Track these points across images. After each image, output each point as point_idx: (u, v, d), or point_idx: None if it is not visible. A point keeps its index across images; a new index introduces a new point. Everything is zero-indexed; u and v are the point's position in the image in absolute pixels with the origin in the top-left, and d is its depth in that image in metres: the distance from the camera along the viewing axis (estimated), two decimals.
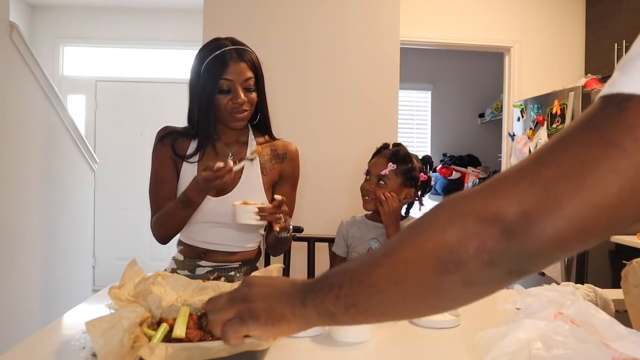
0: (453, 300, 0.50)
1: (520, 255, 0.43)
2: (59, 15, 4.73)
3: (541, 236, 0.41)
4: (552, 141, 0.43)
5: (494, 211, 0.44)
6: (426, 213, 0.50)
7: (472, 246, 0.44)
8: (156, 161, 1.50)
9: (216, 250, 1.52)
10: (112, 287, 0.83)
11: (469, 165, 4.95)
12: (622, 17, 3.38)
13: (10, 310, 2.52)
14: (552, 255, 0.43)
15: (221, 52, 1.39)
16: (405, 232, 0.51)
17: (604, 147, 0.38)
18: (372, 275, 0.51)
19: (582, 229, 0.40)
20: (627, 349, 0.59)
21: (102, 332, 0.68)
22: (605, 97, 0.40)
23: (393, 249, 0.51)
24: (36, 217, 2.85)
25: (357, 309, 0.53)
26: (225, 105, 1.40)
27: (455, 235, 0.45)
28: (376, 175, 1.54)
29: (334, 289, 0.55)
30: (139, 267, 0.92)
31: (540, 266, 0.45)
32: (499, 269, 0.45)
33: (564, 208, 0.40)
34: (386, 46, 2.71)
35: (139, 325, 0.77)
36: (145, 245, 4.69)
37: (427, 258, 0.47)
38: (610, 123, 0.39)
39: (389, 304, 0.52)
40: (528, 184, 0.42)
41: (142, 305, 0.83)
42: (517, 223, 0.42)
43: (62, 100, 3.15)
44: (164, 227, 1.47)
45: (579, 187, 0.39)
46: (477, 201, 0.45)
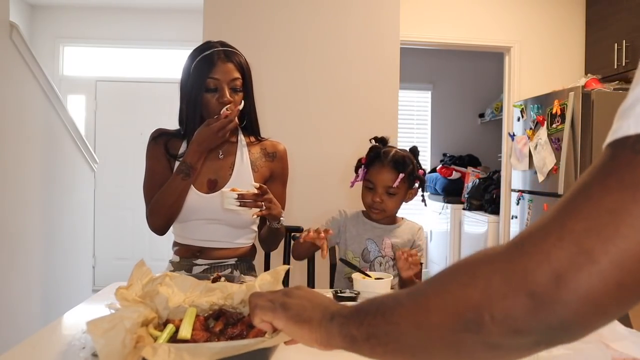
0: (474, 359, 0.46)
1: (551, 324, 0.39)
2: (59, 15, 4.73)
3: (574, 299, 0.37)
4: (571, 192, 0.40)
5: (520, 271, 0.40)
6: (452, 265, 0.48)
7: (497, 309, 0.41)
8: (150, 159, 1.54)
9: (211, 247, 1.53)
10: (119, 288, 0.82)
11: (469, 165, 4.94)
12: (622, 17, 3.38)
13: (10, 310, 2.52)
14: (587, 321, 0.39)
15: (209, 53, 1.44)
16: (430, 280, 0.50)
17: (630, 192, 0.36)
18: (395, 313, 0.50)
19: (620, 285, 0.36)
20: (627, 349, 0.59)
21: (103, 332, 0.67)
22: (613, 143, 0.38)
23: (417, 293, 0.50)
24: (36, 217, 2.85)
25: (377, 340, 0.52)
26: (212, 104, 1.44)
27: (478, 294, 0.42)
28: (383, 186, 1.51)
29: (360, 315, 0.55)
30: (147, 268, 0.91)
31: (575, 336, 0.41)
32: (526, 339, 0.41)
33: (598, 262, 0.36)
34: (386, 46, 2.71)
35: (145, 325, 0.76)
36: (145, 245, 4.69)
37: (448, 312, 0.45)
38: (629, 166, 0.36)
39: (407, 346, 0.50)
40: (556, 239, 0.38)
41: (149, 306, 0.83)
42: (547, 286, 0.38)
43: (62, 100, 3.15)
44: (162, 209, 1.47)
45: (612, 237, 0.36)
46: (503, 258, 0.42)
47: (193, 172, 1.43)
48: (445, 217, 4.76)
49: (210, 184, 1.52)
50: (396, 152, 1.53)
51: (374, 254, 1.58)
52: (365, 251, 1.58)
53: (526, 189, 3.59)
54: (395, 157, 1.52)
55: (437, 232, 4.94)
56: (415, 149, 1.61)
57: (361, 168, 1.57)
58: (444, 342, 0.46)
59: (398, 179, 1.49)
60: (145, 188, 1.55)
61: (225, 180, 1.51)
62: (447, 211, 4.73)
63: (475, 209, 4.47)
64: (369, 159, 1.56)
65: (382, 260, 1.57)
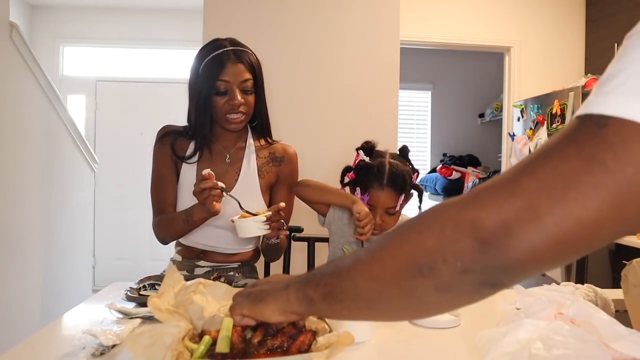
0: (425, 304, 0.50)
1: (494, 267, 0.43)
2: (59, 15, 4.72)
3: (518, 248, 0.41)
4: (533, 154, 0.43)
5: (472, 220, 0.44)
6: (411, 218, 0.52)
7: (448, 252, 0.45)
8: (156, 161, 1.50)
9: (214, 251, 1.52)
10: (152, 297, 0.78)
11: (469, 165, 4.94)
12: (622, 16, 3.38)
13: (10, 310, 2.52)
14: (527, 269, 0.43)
15: (219, 53, 1.38)
16: (388, 234, 0.53)
17: (586, 162, 0.39)
18: (351, 269, 0.54)
19: (560, 243, 0.40)
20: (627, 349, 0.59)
21: (144, 349, 0.66)
22: (582, 116, 0.41)
23: (374, 248, 0.53)
24: (36, 217, 2.85)
25: (334, 298, 0.55)
26: (222, 106, 1.38)
27: (432, 241, 0.46)
28: (384, 208, 1.41)
29: (316, 277, 0.59)
30: (178, 275, 0.86)
31: (514, 280, 0.45)
32: (472, 278, 0.45)
33: (543, 220, 0.40)
34: (386, 46, 2.71)
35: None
36: (145, 245, 4.68)
37: (403, 259, 0.48)
38: (591, 139, 0.39)
39: (363, 299, 0.53)
40: (508, 194, 0.42)
41: (183, 315, 0.80)
42: (494, 233, 0.42)
43: (62, 100, 3.15)
44: (165, 232, 1.47)
45: (560, 199, 0.39)
46: (458, 209, 0.46)
47: (192, 224, 1.39)
48: None
49: None
50: (392, 169, 1.39)
51: None
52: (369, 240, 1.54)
53: None
54: (393, 177, 1.39)
55: None
56: (406, 148, 1.50)
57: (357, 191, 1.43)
58: (397, 290, 0.50)
59: (400, 200, 1.41)
60: (151, 192, 1.51)
61: (231, 186, 1.47)
62: None
63: None
64: (364, 180, 1.42)
65: None
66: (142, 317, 1.00)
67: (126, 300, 1.12)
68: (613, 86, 0.39)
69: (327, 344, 0.70)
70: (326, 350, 0.69)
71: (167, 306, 0.80)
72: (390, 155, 1.46)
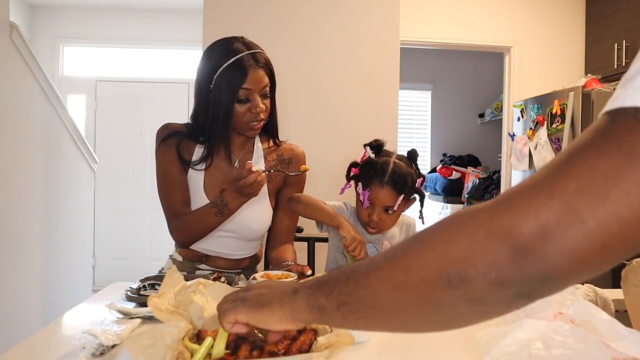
0: (453, 317, 0.47)
1: (533, 276, 0.40)
2: (59, 15, 4.72)
3: (559, 254, 0.38)
4: (564, 153, 0.40)
5: (506, 226, 0.40)
6: (434, 224, 0.48)
7: (481, 262, 0.41)
8: (163, 163, 1.42)
9: (217, 256, 1.50)
10: (152, 297, 0.78)
11: (469, 165, 4.95)
12: (622, 16, 3.38)
13: (10, 310, 2.52)
14: (568, 276, 0.40)
15: (239, 59, 1.31)
16: (410, 240, 0.49)
17: (627, 158, 0.36)
18: (370, 277, 0.50)
19: (605, 246, 0.37)
20: (627, 349, 0.59)
21: (144, 349, 0.66)
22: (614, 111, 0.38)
23: (396, 254, 0.49)
24: (36, 217, 2.85)
25: (349, 307, 0.51)
26: (243, 114, 1.34)
27: (462, 249, 0.43)
28: (382, 206, 1.41)
29: (329, 283, 0.54)
30: (178, 275, 0.86)
31: (554, 290, 0.42)
32: (507, 290, 0.41)
33: (586, 222, 0.37)
34: (386, 46, 2.71)
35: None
36: (145, 245, 4.69)
37: (431, 269, 0.45)
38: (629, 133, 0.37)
39: (382, 310, 0.49)
40: (545, 197, 0.39)
41: (183, 315, 0.80)
42: (532, 240, 0.39)
43: (62, 100, 3.15)
44: (192, 233, 1.40)
45: (602, 199, 0.36)
46: (489, 215, 0.42)
47: (228, 212, 1.35)
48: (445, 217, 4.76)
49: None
50: (395, 168, 1.39)
51: None
52: (367, 255, 1.55)
53: None
54: (395, 176, 1.39)
55: None
56: (414, 153, 1.49)
57: (359, 186, 1.44)
58: (422, 301, 0.46)
59: (398, 200, 1.39)
60: (161, 196, 1.44)
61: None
62: (447, 211, 4.73)
63: None
64: (367, 176, 1.42)
65: None
66: (142, 317, 1.00)
67: (126, 300, 1.12)
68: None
69: (327, 344, 0.70)
70: (326, 351, 0.69)
71: (167, 306, 0.80)
72: (396, 156, 1.45)
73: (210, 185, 1.42)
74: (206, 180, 1.42)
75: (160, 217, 1.49)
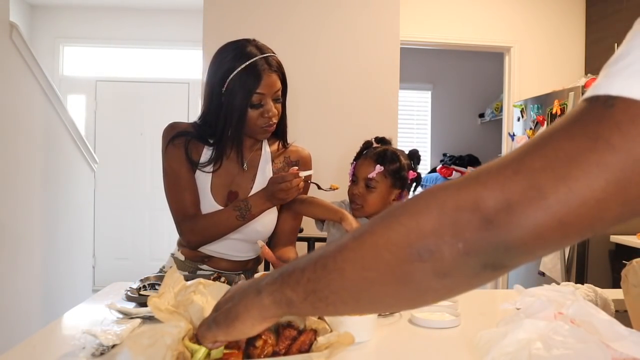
0: (423, 291, 0.47)
1: (498, 246, 0.42)
2: (59, 15, 4.73)
3: (521, 227, 0.40)
4: (537, 135, 0.43)
5: (474, 199, 0.42)
6: (403, 201, 0.49)
7: (448, 234, 0.43)
8: (172, 163, 1.40)
9: (220, 257, 1.50)
10: (152, 297, 0.78)
11: (469, 165, 4.95)
12: (622, 17, 3.38)
13: (10, 310, 2.52)
14: (530, 249, 0.42)
15: (253, 64, 1.31)
16: (378, 218, 0.49)
17: (591, 141, 0.38)
18: (338, 259, 0.49)
19: (564, 223, 0.39)
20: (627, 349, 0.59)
21: (144, 349, 0.65)
22: (590, 97, 0.40)
23: (363, 233, 0.48)
24: (36, 217, 2.85)
25: (317, 295, 0.51)
26: (256, 119, 1.34)
27: (431, 222, 0.44)
28: (363, 178, 1.45)
29: (295, 273, 0.53)
30: (178, 275, 0.85)
31: (517, 261, 0.43)
32: (474, 260, 0.43)
33: (547, 198, 0.39)
34: (386, 46, 2.71)
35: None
36: (145, 245, 4.69)
37: (399, 244, 0.45)
38: (597, 118, 0.38)
39: (353, 290, 0.49)
40: (511, 173, 0.41)
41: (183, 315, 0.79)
42: (497, 212, 0.41)
43: (62, 100, 3.16)
44: (207, 237, 1.39)
45: (564, 178, 0.39)
46: (458, 189, 0.44)
47: (249, 217, 1.36)
48: None
49: (231, 195, 1.43)
50: (385, 149, 1.48)
51: None
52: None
53: None
54: (381, 151, 1.47)
55: None
56: (415, 152, 1.54)
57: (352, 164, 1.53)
58: (392, 278, 0.46)
59: (376, 169, 1.43)
60: (170, 196, 1.41)
61: (246, 193, 1.43)
62: None
63: None
64: (358, 153, 1.53)
65: None
66: (142, 317, 1.00)
67: (126, 300, 1.12)
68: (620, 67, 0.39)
69: (327, 344, 0.70)
70: (326, 350, 0.69)
71: (167, 306, 0.80)
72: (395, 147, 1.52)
73: (217, 187, 1.42)
74: (214, 182, 1.42)
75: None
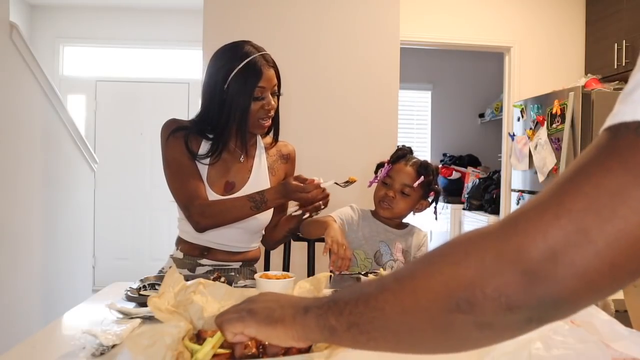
0: (463, 341, 0.45)
1: (544, 301, 0.39)
2: (59, 15, 4.72)
3: (568, 276, 0.37)
4: (568, 172, 0.40)
5: (515, 248, 0.39)
6: (442, 245, 0.47)
7: (490, 287, 0.40)
8: (174, 153, 1.45)
9: (219, 249, 1.52)
10: (152, 297, 0.79)
11: (469, 165, 4.95)
12: (622, 16, 3.38)
13: (10, 310, 2.52)
14: (580, 299, 0.39)
15: (252, 61, 1.40)
16: (418, 262, 0.48)
17: (632, 175, 0.35)
18: (379, 298, 0.48)
19: (615, 265, 0.36)
20: (627, 349, 0.59)
21: (144, 349, 0.66)
22: (613, 127, 0.38)
23: (404, 276, 0.48)
24: (36, 217, 2.85)
25: (359, 329, 0.50)
26: (256, 112, 1.43)
27: (471, 273, 0.41)
28: (401, 183, 1.53)
29: (339, 304, 0.53)
30: (178, 275, 0.86)
31: (566, 313, 0.41)
32: (518, 316, 0.40)
33: (594, 242, 0.36)
34: (386, 46, 2.71)
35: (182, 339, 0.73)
36: (145, 245, 4.69)
37: (438, 293, 0.43)
38: (631, 148, 0.36)
39: (392, 332, 0.48)
40: (552, 217, 0.38)
41: (183, 315, 0.80)
42: (541, 263, 0.38)
43: (62, 100, 3.15)
44: (218, 221, 1.42)
45: (610, 218, 0.36)
46: (497, 237, 0.41)
47: (264, 208, 1.42)
48: (445, 217, 4.76)
49: (228, 186, 1.49)
50: (425, 161, 1.58)
51: (386, 257, 1.57)
52: (378, 253, 1.57)
53: (526, 189, 3.59)
54: (421, 161, 1.56)
55: (437, 232, 4.94)
56: (437, 168, 1.64)
57: (383, 167, 1.59)
58: (431, 325, 0.45)
59: (418, 180, 1.51)
60: (175, 183, 1.45)
61: (243, 183, 1.50)
62: (447, 211, 4.73)
63: (475, 209, 4.48)
64: (396, 157, 1.58)
65: (393, 264, 1.56)
66: (142, 317, 1.00)
67: (126, 300, 1.12)
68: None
69: (327, 344, 0.70)
70: (326, 351, 0.69)
71: (167, 306, 0.80)
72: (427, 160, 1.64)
73: (214, 177, 1.49)
74: (210, 173, 1.49)
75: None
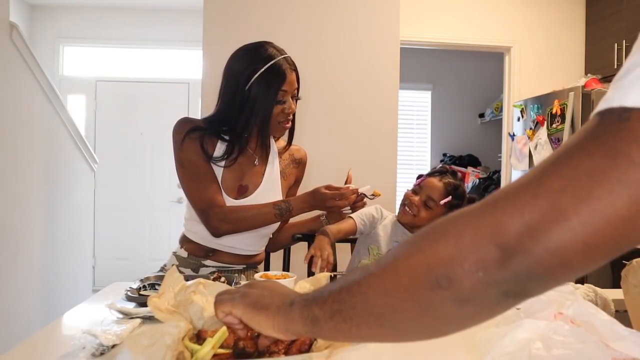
0: (443, 319, 0.47)
1: (519, 275, 0.40)
2: (59, 15, 4.73)
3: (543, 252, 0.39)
4: (552, 154, 0.41)
5: (492, 225, 0.41)
6: (423, 228, 0.48)
7: (468, 262, 0.42)
8: (191, 155, 1.42)
9: (225, 251, 1.51)
10: (152, 297, 0.79)
11: (469, 165, 4.95)
12: (622, 16, 3.38)
13: (11, 310, 2.52)
14: (554, 275, 0.40)
15: (277, 63, 1.40)
16: (399, 245, 0.49)
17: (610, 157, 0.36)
18: (362, 283, 0.50)
19: (589, 245, 0.38)
20: (627, 349, 0.59)
21: (144, 349, 0.66)
22: (602, 111, 0.39)
23: (386, 260, 0.49)
24: (36, 217, 2.85)
25: (342, 316, 0.51)
26: (277, 115, 1.43)
27: (449, 249, 0.43)
28: (427, 195, 1.53)
29: (323, 294, 0.54)
30: (178, 275, 0.86)
31: (541, 288, 0.42)
32: (495, 289, 0.42)
33: (570, 220, 0.37)
34: (386, 46, 2.71)
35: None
36: (145, 245, 4.69)
37: (419, 270, 0.45)
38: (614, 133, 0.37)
39: (374, 316, 0.49)
40: (530, 196, 0.40)
41: (183, 315, 0.80)
42: (517, 238, 0.39)
43: (62, 100, 3.16)
44: (239, 227, 1.41)
45: (586, 198, 0.37)
46: (476, 215, 0.43)
47: (287, 218, 1.45)
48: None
49: (241, 189, 1.47)
50: (459, 185, 1.58)
51: None
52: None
53: None
54: (454, 183, 1.56)
55: None
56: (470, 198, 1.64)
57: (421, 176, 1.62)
58: (412, 304, 0.46)
59: (445, 199, 1.52)
60: (192, 185, 1.43)
61: (256, 186, 1.49)
62: None
63: None
64: (433, 171, 1.61)
65: None
66: (142, 317, 1.00)
67: (126, 300, 1.12)
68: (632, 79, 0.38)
69: (327, 344, 0.70)
70: (326, 351, 0.69)
71: (167, 306, 0.80)
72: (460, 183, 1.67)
73: (229, 180, 1.46)
74: (225, 176, 1.46)
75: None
